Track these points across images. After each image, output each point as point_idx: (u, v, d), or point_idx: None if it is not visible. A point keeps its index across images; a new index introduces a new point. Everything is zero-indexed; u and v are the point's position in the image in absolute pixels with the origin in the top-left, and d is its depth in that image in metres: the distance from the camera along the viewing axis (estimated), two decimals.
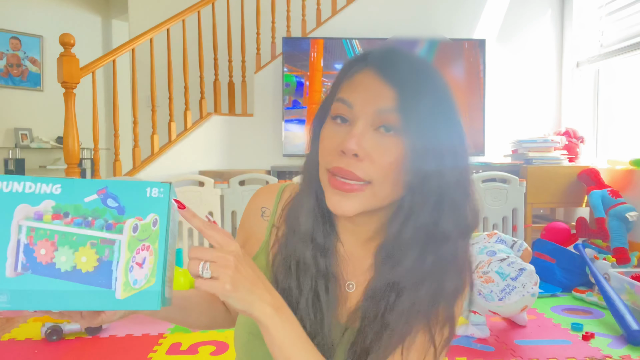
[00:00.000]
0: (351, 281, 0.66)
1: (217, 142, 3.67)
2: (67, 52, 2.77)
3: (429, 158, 0.57)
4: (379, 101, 0.57)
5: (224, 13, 3.75)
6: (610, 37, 3.57)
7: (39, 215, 0.52)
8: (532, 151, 3.48)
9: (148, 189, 0.54)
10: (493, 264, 2.00)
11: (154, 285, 0.53)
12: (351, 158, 0.57)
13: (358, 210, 0.59)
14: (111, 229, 0.53)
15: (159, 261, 0.54)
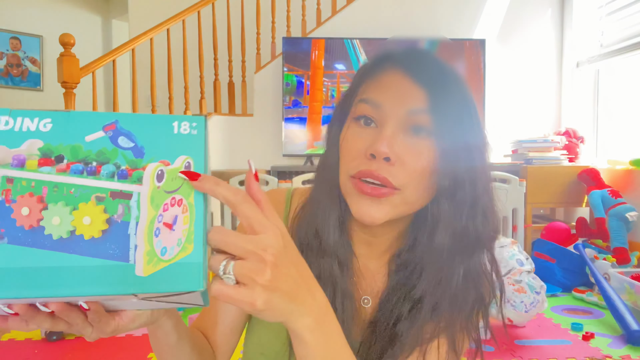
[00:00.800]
0: (367, 296, 0.62)
1: (217, 142, 3.67)
2: (67, 52, 2.77)
3: (461, 161, 0.54)
4: (410, 101, 0.54)
5: (224, 13, 3.75)
6: (610, 37, 3.57)
7: (20, 160, 0.36)
8: (532, 151, 3.48)
9: (175, 124, 0.39)
10: (524, 274, 2.00)
11: (191, 255, 0.37)
12: (382, 162, 0.53)
13: (388, 217, 0.55)
14: (125, 177, 0.37)
15: (197, 220, 0.38)
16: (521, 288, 1.97)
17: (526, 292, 1.97)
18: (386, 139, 0.52)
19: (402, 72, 0.55)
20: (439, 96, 0.54)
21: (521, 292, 1.97)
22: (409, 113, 0.54)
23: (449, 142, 0.54)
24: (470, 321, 0.59)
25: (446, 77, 0.56)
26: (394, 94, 0.54)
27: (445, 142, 0.54)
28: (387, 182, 0.53)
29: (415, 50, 0.59)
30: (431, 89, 0.54)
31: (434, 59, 0.58)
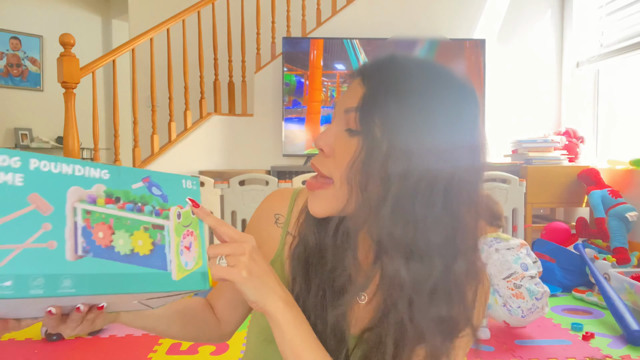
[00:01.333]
0: (363, 292, 0.64)
1: (217, 142, 3.67)
2: (67, 52, 2.77)
3: (379, 160, 0.53)
4: (348, 101, 0.57)
5: (224, 13, 3.75)
6: (610, 37, 3.57)
7: (93, 198, 0.51)
8: (532, 151, 3.48)
9: (184, 181, 0.58)
10: (525, 279, 1.97)
11: (202, 267, 0.57)
12: (321, 154, 0.60)
13: (326, 210, 0.59)
14: (159, 215, 0.55)
15: (202, 246, 0.58)
16: (519, 293, 1.95)
17: (524, 298, 1.94)
18: (324, 133, 0.59)
19: (359, 76, 0.59)
20: (373, 96, 0.55)
21: (519, 297, 1.95)
22: (345, 112, 0.58)
23: (372, 140, 0.53)
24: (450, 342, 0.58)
25: (391, 77, 0.55)
26: (345, 95, 0.60)
27: (371, 142, 0.53)
28: (318, 171, 0.59)
29: (380, 57, 0.59)
30: (367, 89, 0.55)
31: (391, 61, 0.57)
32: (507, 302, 1.96)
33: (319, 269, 0.63)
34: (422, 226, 0.52)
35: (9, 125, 5.31)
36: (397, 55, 0.58)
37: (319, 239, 0.64)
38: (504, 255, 2.00)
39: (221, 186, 3.15)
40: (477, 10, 3.93)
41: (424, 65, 0.57)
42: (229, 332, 0.78)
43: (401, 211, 0.52)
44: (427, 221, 0.52)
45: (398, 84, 0.54)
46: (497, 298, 2.00)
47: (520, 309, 1.95)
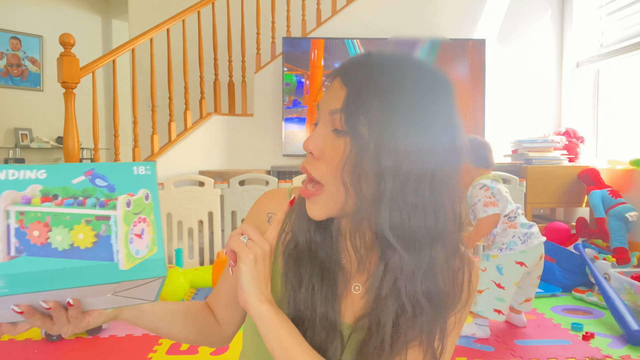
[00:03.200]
0: (357, 283, 0.66)
1: (217, 142, 3.67)
2: (67, 52, 2.77)
3: (369, 157, 0.55)
4: (332, 102, 0.58)
5: (224, 13, 3.76)
6: (610, 37, 3.57)
7: (27, 199, 0.51)
8: (532, 151, 3.48)
9: (135, 167, 0.55)
10: (520, 217, 2.15)
11: (157, 253, 0.55)
12: (310, 157, 0.60)
13: (324, 214, 0.60)
14: (104, 206, 0.53)
15: (158, 231, 0.55)
16: (514, 224, 2.11)
17: (517, 227, 2.11)
18: (312, 137, 0.59)
19: (339, 78, 0.60)
20: (355, 96, 0.56)
21: (512, 227, 2.11)
22: (330, 113, 0.58)
23: (359, 139, 0.55)
24: (444, 320, 0.60)
25: (372, 77, 0.56)
26: (326, 97, 0.60)
27: (356, 139, 0.55)
28: (307, 173, 0.60)
29: (358, 56, 0.60)
30: (350, 90, 0.57)
31: (367, 60, 0.58)
32: (503, 244, 2.10)
33: (309, 264, 0.65)
34: (415, 214, 0.56)
35: (9, 125, 5.31)
36: (373, 53, 0.59)
37: (310, 235, 0.66)
38: (503, 192, 2.15)
39: (221, 186, 3.15)
40: (477, 10, 3.93)
41: (399, 61, 0.59)
42: (229, 334, 0.80)
43: (396, 203, 0.55)
44: (418, 209, 0.56)
45: (378, 82, 0.56)
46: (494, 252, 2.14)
47: (516, 238, 2.09)
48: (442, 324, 0.60)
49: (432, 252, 0.57)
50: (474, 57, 3.68)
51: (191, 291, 2.76)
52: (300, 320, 0.63)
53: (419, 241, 0.57)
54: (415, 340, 0.60)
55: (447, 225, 0.58)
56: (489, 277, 2.11)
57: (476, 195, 2.13)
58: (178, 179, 3.14)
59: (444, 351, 0.61)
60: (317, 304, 0.63)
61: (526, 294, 2.22)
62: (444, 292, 0.59)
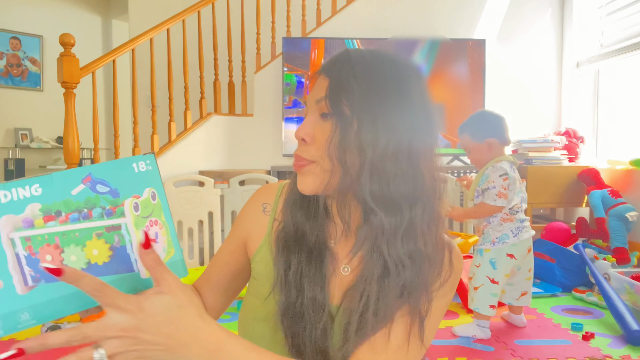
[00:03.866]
0: (346, 265, 0.70)
1: (217, 142, 3.67)
2: (67, 52, 2.77)
3: (351, 133, 0.61)
4: (318, 93, 0.66)
5: (224, 13, 3.75)
6: (610, 37, 3.57)
7: (29, 222, 0.46)
8: (532, 151, 3.48)
9: (134, 165, 0.51)
10: (520, 213, 2.17)
11: (175, 255, 0.52)
12: (301, 144, 0.66)
13: (315, 185, 0.65)
14: (111, 214, 0.49)
15: (171, 231, 0.52)
16: (512, 218, 2.14)
17: (513, 221, 2.14)
18: (302, 126, 0.65)
19: (322, 74, 0.67)
20: (336, 84, 0.63)
21: (506, 220, 2.13)
22: (317, 102, 0.66)
23: (346, 118, 0.62)
24: (428, 286, 0.64)
25: (351, 68, 0.64)
26: (313, 91, 0.67)
27: (341, 119, 0.62)
28: (301, 159, 0.65)
29: (339, 53, 0.68)
30: (332, 79, 0.64)
31: (349, 56, 0.66)
32: (495, 238, 2.12)
33: (297, 248, 0.68)
34: (394, 181, 0.62)
35: (9, 125, 5.31)
36: (350, 50, 0.68)
37: (298, 220, 0.70)
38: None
39: (221, 186, 3.15)
40: (477, 10, 3.93)
41: (374, 53, 0.66)
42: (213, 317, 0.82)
43: (376, 171, 0.61)
44: (397, 177, 0.62)
45: (356, 70, 0.64)
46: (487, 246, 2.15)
47: (509, 230, 2.12)
48: (426, 290, 0.64)
49: (411, 213, 0.62)
50: (473, 57, 3.68)
51: None
52: (290, 304, 0.66)
53: (398, 204, 0.62)
54: (400, 308, 0.63)
55: (426, 191, 0.64)
56: (484, 273, 2.12)
57: (493, 180, 2.09)
58: (178, 179, 3.14)
59: (427, 328, 0.64)
60: (306, 286, 0.66)
61: (521, 288, 2.22)
62: (426, 254, 0.63)
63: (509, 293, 2.24)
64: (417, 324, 0.63)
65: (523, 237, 2.14)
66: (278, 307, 0.68)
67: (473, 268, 2.18)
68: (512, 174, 2.10)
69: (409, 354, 0.63)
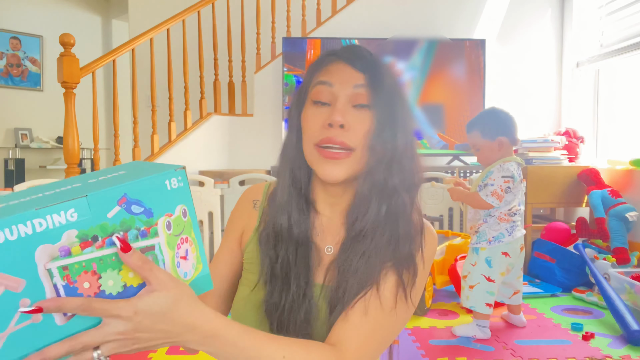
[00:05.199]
0: (330, 245, 0.74)
1: (217, 142, 3.67)
2: (67, 52, 2.77)
3: (388, 128, 0.69)
4: (353, 80, 0.70)
5: (224, 13, 3.75)
6: (610, 37, 3.57)
7: (66, 250, 0.45)
8: (532, 151, 3.48)
9: (167, 182, 0.50)
10: (517, 216, 2.18)
11: (203, 270, 0.53)
12: (338, 129, 0.68)
13: (345, 175, 0.69)
14: (146, 235, 0.49)
15: (200, 248, 0.53)
16: (509, 219, 2.14)
17: (509, 222, 2.14)
18: (340, 111, 0.68)
19: (343, 62, 0.72)
20: (374, 77, 0.70)
21: (503, 220, 2.13)
22: (354, 87, 0.69)
23: (382, 113, 0.69)
24: (406, 252, 0.70)
25: (378, 65, 0.72)
26: (342, 76, 0.70)
27: (379, 112, 0.69)
28: (344, 144, 0.68)
29: (353, 47, 0.74)
30: (368, 73, 0.70)
31: (368, 53, 0.73)
32: (491, 237, 2.12)
33: (283, 242, 0.72)
34: (406, 171, 0.71)
35: (9, 125, 5.31)
36: (365, 49, 0.74)
37: (284, 217, 0.73)
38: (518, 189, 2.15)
39: (221, 186, 3.15)
40: (477, 10, 3.93)
41: (380, 58, 0.74)
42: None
43: (403, 163, 0.70)
44: (413, 168, 0.72)
45: (385, 69, 0.72)
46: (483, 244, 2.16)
47: (504, 229, 2.13)
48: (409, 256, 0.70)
49: (401, 199, 0.71)
50: (473, 57, 3.68)
51: None
52: (276, 294, 0.70)
53: (412, 190, 0.72)
54: (382, 271, 0.68)
55: (417, 182, 0.73)
56: (480, 271, 2.12)
57: (494, 178, 2.09)
58: None
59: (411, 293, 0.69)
60: (292, 277, 0.71)
61: (513, 287, 2.23)
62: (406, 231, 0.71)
63: (501, 291, 2.25)
64: (402, 286, 0.68)
65: (516, 236, 2.14)
66: (265, 297, 0.72)
67: (468, 267, 2.18)
68: (517, 177, 2.10)
69: (397, 314, 0.68)
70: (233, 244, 0.81)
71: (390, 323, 0.68)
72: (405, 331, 2.19)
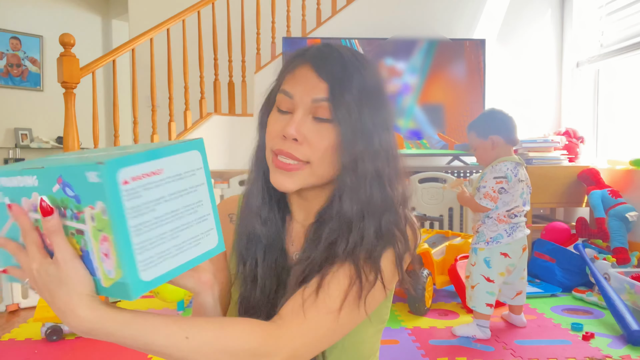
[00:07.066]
0: (297, 252, 0.73)
1: (217, 142, 3.67)
2: (67, 52, 2.77)
3: (359, 142, 0.65)
4: (314, 92, 0.65)
5: (224, 13, 3.75)
6: (610, 37, 3.57)
7: (35, 207, 0.50)
8: (532, 151, 3.48)
9: (88, 174, 0.45)
10: (518, 217, 2.16)
11: (122, 278, 0.47)
12: (291, 142, 0.65)
13: (297, 186, 0.67)
14: (77, 219, 0.48)
15: (118, 252, 0.46)
16: (509, 220, 2.13)
17: (508, 223, 2.14)
18: (294, 124, 0.65)
19: (310, 66, 0.67)
20: (338, 88, 0.65)
21: (502, 222, 2.13)
22: (313, 101, 0.65)
23: (347, 127, 0.65)
24: (371, 256, 0.66)
25: (347, 71, 0.66)
26: (303, 86, 0.66)
27: (344, 127, 0.65)
28: (294, 157, 0.65)
29: (324, 47, 0.69)
30: (332, 82, 0.65)
31: (340, 56, 0.67)
32: (489, 237, 2.12)
33: (253, 249, 0.73)
34: (391, 183, 0.68)
35: (9, 125, 5.31)
36: (334, 46, 0.69)
37: (254, 225, 0.73)
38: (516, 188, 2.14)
39: (221, 186, 3.15)
40: (477, 10, 3.93)
41: (356, 54, 0.69)
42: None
43: (381, 176, 0.66)
44: (393, 179, 0.68)
45: (352, 77, 0.66)
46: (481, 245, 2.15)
47: (503, 231, 2.12)
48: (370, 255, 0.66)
49: (383, 217, 0.67)
50: (473, 57, 3.68)
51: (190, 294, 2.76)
52: (245, 297, 0.71)
53: (392, 205, 0.68)
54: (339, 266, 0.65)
55: (404, 190, 0.70)
56: (479, 271, 2.12)
57: (486, 180, 2.09)
58: None
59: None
60: (259, 279, 0.71)
61: (516, 287, 2.23)
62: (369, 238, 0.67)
63: (504, 292, 2.24)
64: (356, 288, 0.63)
65: (517, 237, 2.14)
66: (238, 297, 0.73)
67: (469, 267, 2.19)
68: (512, 176, 2.09)
69: (339, 319, 0.62)
70: (220, 262, 0.78)
71: (329, 322, 0.62)
72: (405, 331, 2.19)
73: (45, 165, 0.49)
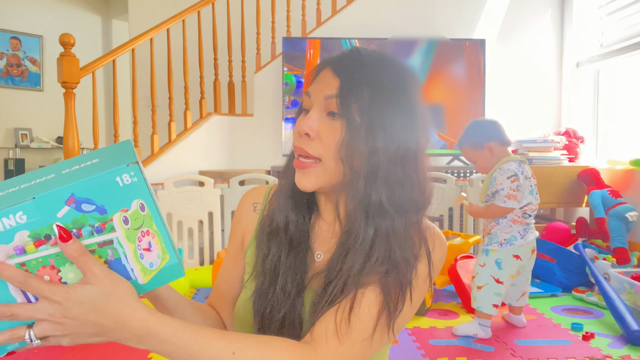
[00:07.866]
0: (319, 252, 0.73)
1: (217, 142, 3.67)
2: (67, 52, 2.77)
3: (364, 139, 0.63)
4: (327, 89, 0.66)
5: (224, 13, 3.75)
6: (610, 37, 3.57)
7: (20, 249, 0.47)
8: (532, 151, 3.48)
9: (118, 179, 0.48)
10: (530, 218, 2.16)
11: (170, 260, 0.54)
12: (305, 138, 0.66)
13: (313, 184, 0.67)
14: (101, 231, 0.49)
15: (164, 239, 0.53)
16: (523, 220, 2.13)
17: (522, 224, 2.13)
18: (307, 120, 0.65)
19: (330, 67, 0.67)
20: (349, 84, 0.64)
21: (516, 222, 2.12)
22: (326, 98, 0.66)
23: (354, 122, 0.63)
24: (398, 280, 0.64)
25: (363, 69, 0.65)
26: (319, 85, 0.67)
27: (348, 122, 0.64)
28: (305, 153, 0.66)
29: (347, 50, 0.69)
30: (344, 79, 0.65)
31: (359, 55, 0.67)
32: (502, 239, 2.11)
33: (278, 238, 0.72)
34: (403, 187, 0.64)
35: (9, 125, 5.31)
36: (360, 49, 0.68)
37: (283, 212, 0.72)
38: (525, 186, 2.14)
39: (221, 186, 3.15)
40: (477, 10, 3.93)
41: (382, 57, 0.67)
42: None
43: (387, 177, 0.63)
44: (406, 183, 0.64)
45: (367, 74, 0.65)
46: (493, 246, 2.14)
47: (517, 232, 2.12)
48: (402, 279, 0.64)
49: (390, 221, 0.64)
50: (473, 57, 3.68)
51: (191, 291, 2.76)
52: (263, 290, 0.70)
53: (405, 209, 0.65)
54: (368, 284, 0.63)
55: (422, 195, 0.66)
56: (489, 272, 2.12)
57: (501, 182, 2.08)
58: (178, 179, 3.14)
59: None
60: (280, 274, 0.70)
61: (522, 288, 2.23)
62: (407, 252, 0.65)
63: (510, 293, 2.23)
64: (386, 314, 0.63)
65: (529, 239, 2.13)
66: (253, 291, 0.72)
67: (477, 267, 2.18)
68: (520, 173, 2.09)
69: (372, 344, 0.63)
70: (235, 250, 0.80)
71: (362, 348, 0.63)
72: (405, 331, 2.19)
73: (35, 195, 0.46)
